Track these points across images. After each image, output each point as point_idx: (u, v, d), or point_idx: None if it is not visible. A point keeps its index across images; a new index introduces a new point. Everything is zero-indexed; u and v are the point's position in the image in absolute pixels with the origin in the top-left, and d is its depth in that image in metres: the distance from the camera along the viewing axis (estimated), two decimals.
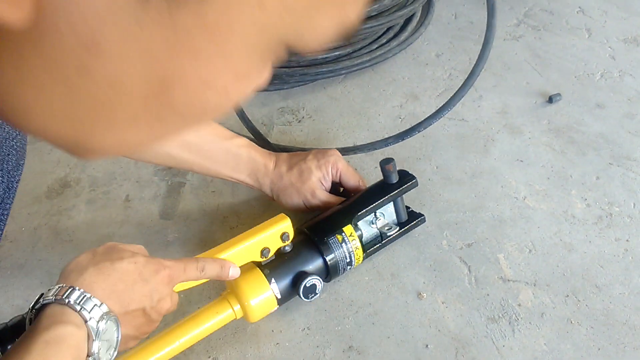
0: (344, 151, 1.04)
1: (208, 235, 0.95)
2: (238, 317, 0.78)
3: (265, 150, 0.92)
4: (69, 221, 0.99)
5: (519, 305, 0.84)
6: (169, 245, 0.94)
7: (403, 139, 1.02)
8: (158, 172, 1.06)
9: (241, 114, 1.07)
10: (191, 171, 0.93)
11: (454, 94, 1.00)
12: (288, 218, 0.80)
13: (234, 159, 0.88)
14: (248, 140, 0.91)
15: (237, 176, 0.90)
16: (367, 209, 0.85)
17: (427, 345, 0.80)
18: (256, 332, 0.82)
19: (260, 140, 1.05)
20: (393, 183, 0.88)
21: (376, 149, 1.03)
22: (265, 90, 1.21)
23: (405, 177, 0.89)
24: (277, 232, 0.78)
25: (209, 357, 0.80)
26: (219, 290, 0.87)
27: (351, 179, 0.91)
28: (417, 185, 0.90)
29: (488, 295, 0.85)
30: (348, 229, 0.83)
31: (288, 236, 0.79)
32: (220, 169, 0.89)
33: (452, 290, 0.86)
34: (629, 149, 1.05)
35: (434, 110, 1.01)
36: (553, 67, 1.24)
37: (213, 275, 0.72)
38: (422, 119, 1.02)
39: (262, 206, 0.99)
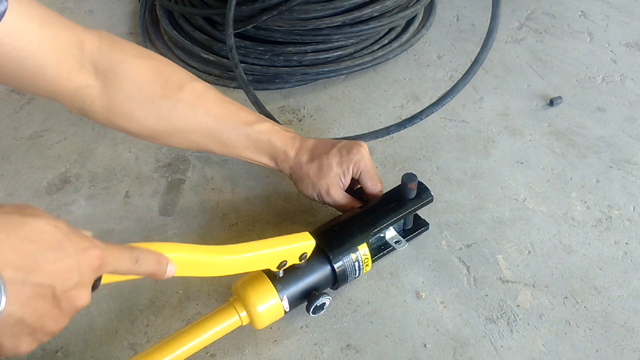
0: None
1: (207, 232, 0.95)
2: (244, 324, 0.78)
3: (289, 134, 0.90)
4: (68, 216, 0.98)
5: (518, 306, 0.84)
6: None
7: (405, 127, 1.01)
8: (158, 169, 1.06)
9: (254, 100, 1.07)
10: (212, 153, 0.92)
11: (461, 78, 0.99)
12: (313, 239, 0.78)
13: (254, 144, 0.87)
14: (271, 124, 0.89)
15: (258, 159, 0.90)
16: (383, 226, 0.84)
17: (425, 345, 0.80)
18: (254, 329, 0.81)
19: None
20: (411, 198, 0.87)
21: (378, 137, 1.02)
22: (266, 89, 1.21)
23: (423, 193, 0.88)
24: (298, 250, 0.77)
25: (207, 353, 0.80)
26: (217, 287, 0.87)
27: (369, 182, 0.89)
28: (432, 201, 0.89)
29: (487, 295, 0.85)
30: (362, 246, 0.82)
31: (306, 256, 0.78)
32: (240, 153, 0.89)
33: (451, 290, 0.86)
34: (630, 153, 1.05)
35: (437, 99, 1.01)
36: (554, 70, 1.24)
37: (148, 270, 0.60)
38: (424, 107, 1.02)
39: (262, 203, 0.99)
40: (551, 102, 1.15)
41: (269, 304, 0.77)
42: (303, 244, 0.77)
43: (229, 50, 1.11)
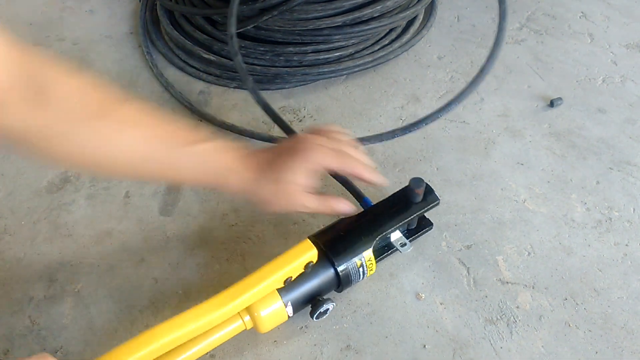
0: None
1: (207, 232, 0.95)
2: (248, 328, 0.78)
3: (240, 151, 0.78)
4: (68, 216, 0.99)
5: (517, 307, 0.84)
6: (168, 242, 0.94)
7: (410, 131, 1.02)
8: None
9: (262, 103, 1.06)
10: (158, 180, 0.84)
11: (471, 81, 1.01)
12: (314, 247, 0.77)
13: (201, 165, 0.76)
14: (220, 142, 0.77)
15: (207, 181, 0.79)
16: (388, 231, 0.83)
17: (424, 346, 0.80)
18: (254, 329, 0.81)
19: (282, 127, 1.04)
20: (417, 202, 0.86)
21: (383, 140, 1.03)
22: (266, 89, 1.21)
23: (429, 196, 0.87)
24: (302, 262, 0.77)
25: (207, 354, 0.80)
26: (218, 288, 0.87)
27: (354, 170, 0.79)
28: (438, 204, 0.88)
29: (486, 297, 0.85)
30: (367, 251, 0.81)
31: (311, 264, 0.78)
32: (185, 175, 0.78)
33: (450, 291, 0.86)
34: (630, 154, 1.05)
35: (443, 104, 1.03)
36: (555, 71, 1.24)
37: None
38: (429, 113, 1.03)
39: None
40: (551, 103, 1.15)
41: (273, 309, 0.76)
42: (305, 257, 0.77)
43: (229, 38, 1.10)
